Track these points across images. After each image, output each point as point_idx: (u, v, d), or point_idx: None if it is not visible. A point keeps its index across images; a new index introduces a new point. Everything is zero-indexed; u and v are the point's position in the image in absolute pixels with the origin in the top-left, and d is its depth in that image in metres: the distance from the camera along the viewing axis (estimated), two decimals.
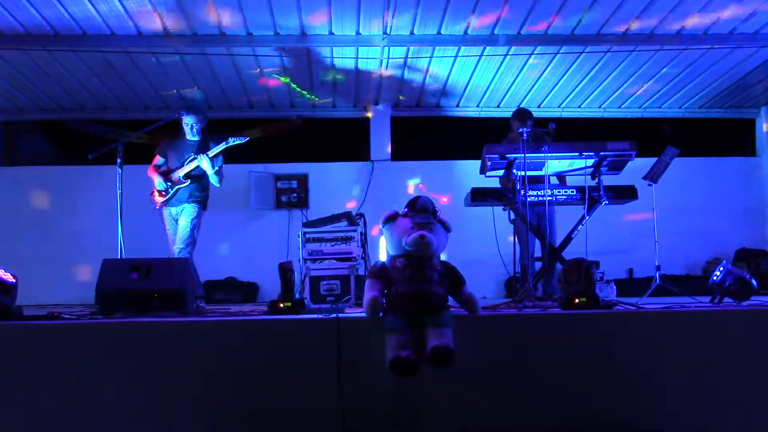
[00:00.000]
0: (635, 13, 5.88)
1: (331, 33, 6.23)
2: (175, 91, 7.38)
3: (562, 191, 4.87)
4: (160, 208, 5.30)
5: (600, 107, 8.21)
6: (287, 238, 7.22)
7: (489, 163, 4.73)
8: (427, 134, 8.32)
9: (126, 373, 2.94)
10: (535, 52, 6.64)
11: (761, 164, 8.34)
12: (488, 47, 6.49)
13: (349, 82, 7.38)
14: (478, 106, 8.17)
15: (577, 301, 3.26)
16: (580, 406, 2.99)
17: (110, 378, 2.93)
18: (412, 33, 6.23)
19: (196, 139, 5.29)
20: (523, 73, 7.18)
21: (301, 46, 6.38)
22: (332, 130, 8.26)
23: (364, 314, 2.90)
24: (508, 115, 5.70)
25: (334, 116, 8.26)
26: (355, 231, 5.13)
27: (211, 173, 5.19)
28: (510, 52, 6.63)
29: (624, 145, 4.65)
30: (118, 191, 4.79)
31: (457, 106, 8.16)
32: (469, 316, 3.04)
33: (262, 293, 7.55)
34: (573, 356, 3.02)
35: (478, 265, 5.45)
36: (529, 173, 4.58)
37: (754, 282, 3.67)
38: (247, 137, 5.28)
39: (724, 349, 3.04)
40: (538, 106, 7.97)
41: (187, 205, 5.23)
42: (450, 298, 3.00)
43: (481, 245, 5.35)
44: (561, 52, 6.60)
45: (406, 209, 2.99)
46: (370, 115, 8.14)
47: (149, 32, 6.09)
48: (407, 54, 6.68)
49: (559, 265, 4.74)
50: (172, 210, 5.27)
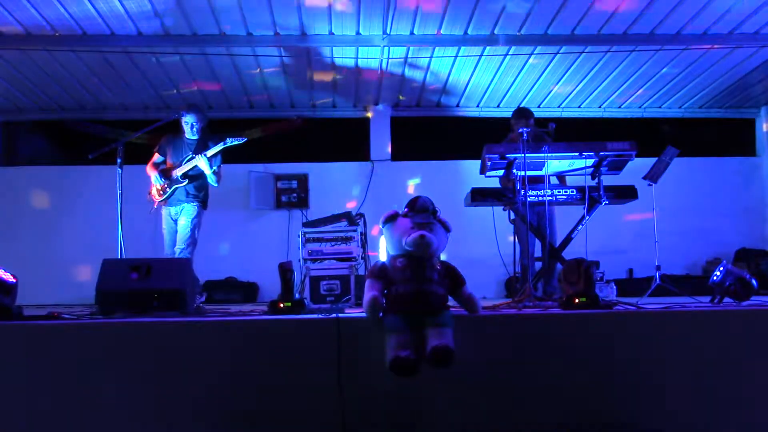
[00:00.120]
0: (635, 13, 5.88)
1: (331, 33, 6.23)
2: (175, 91, 7.38)
3: (562, 191, 4.87)
4: (159, 207, 5.30)
5: (600, 107, 8.20)
6: (287, 238, 7.22)
7: (489, 163, 4.73)
8: (427, 134, 8.32)
9: (126, 373, 2.93)
10: (535, 52, 6.64)
11: (761, 164, 8.34)
12: (488, 47, 6.49)
13: (349, 82, 7.38)
14: (478, 106, 8.17)
15: (577, 301, 3.26)
16: (580, 406, 2.99)
17: (110, 378, 2.93)
18: (412, 33, 6.24)
19: (195, 138, 5.29)
20: (523, 73, 7.18)
21: (301, 46, 6.38)
22: (332, 130, 8.26)
23: (364, 314, 2.90)
24: (508, 115, 5.69)
25: (334, 116, 8.26)
26: (355, 231, 5.13)
27: (209, 173, 5.18)
28: (510, 52, 6.64)
29: (624, 145, 4.65)
30: (118, 191, 4.78)
31: (457, 106, 8.16)
32: (469, 316, 3.04)
33: (262, 293, 7.55)
34: (573, 356, 3.01)
35: (478, 265, 5.45)
36: (529, 173, 4.58)
37: (754, 282, 3.66)
38: (245, 138, 5.28)
39: (724, 349, 3.04)
40: (538, 106, 7.96)
41: (187, 205, 5.23)
42: (450, 298, 2.99)
43: (481, 245, 5.35)
44: (561, 52, 6.60)
45: (406, 209, 2.99)
46: (370, 115, 8.14)
47: (149, 32, 6.10)
48: (407, 54, 6.69)
49: (559, 265, 4.74)
50: (171, 210, 5.27)
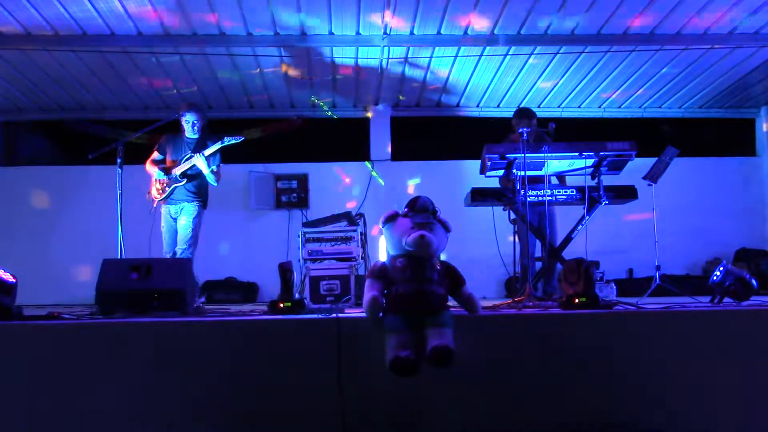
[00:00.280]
0: (635, 13, 5.88)
1: (331, 33, 6.23)
2: (175, 91, 7.38)
3: (562, 191, 4.86)
4: (158, 205, 5.29)
5: (600, 107, 8.20)
6: (287, 238, 7.22)
7: (489, 163, 4.72)
8: (427, 134, 8.32)
9: (126, 373, 2.93)
10: (535, 52, 6.64)
11: (761, 164, 8.34)
12: (488, 47, 6.49)
13: (349, 82, 7.38)
14: (478, 106, 8.17)
15: (577, 301, 3.27)
16: (580, 406, 2.99)
17: (110, 378, 2.93)
18: (412, 33, 6.24)
19: (195, 137, 5.29)
20: (523, 73, 7.18)
21: (301, 46, 6.38)
22: (332, 130, 8.26)
23: (364, 314, 2.90)
24: (508, 115, 5.69)
25: (335, 116, 8.27)
26: (355, 231, 5.13)
27: (207, 172, 5.18)
28: (510, 52, 6.63)
29: (624, 145, 4.65)
30: (118, 191, 4.79)
31: (457, 106, 8.16)
32: (469, 316, 3.04)
33: (262, 293, 7.55)
34: (573, 356, 3.01)
35: (478, 265, 5.46)
36: (529, 173, 4.58)
37: (754, 282, 3.67)
38: (243, 137, 5.28)
39: (724, 349, 3.04)
40: (538, 106, 7.96)
41: (187, 204, 5.22)
42: (450, 298, 2.99)
43: (481, 245, 5.34)
44: (561, 52, 6.60)
45: (406, 209, 2.99)
46: (370, 115, 8.14)
47: (149, 32, 6.10)
48: (407, 54, 6.68)
49: (559, 265, 4.74)
50: (171, 208, 5.26)
